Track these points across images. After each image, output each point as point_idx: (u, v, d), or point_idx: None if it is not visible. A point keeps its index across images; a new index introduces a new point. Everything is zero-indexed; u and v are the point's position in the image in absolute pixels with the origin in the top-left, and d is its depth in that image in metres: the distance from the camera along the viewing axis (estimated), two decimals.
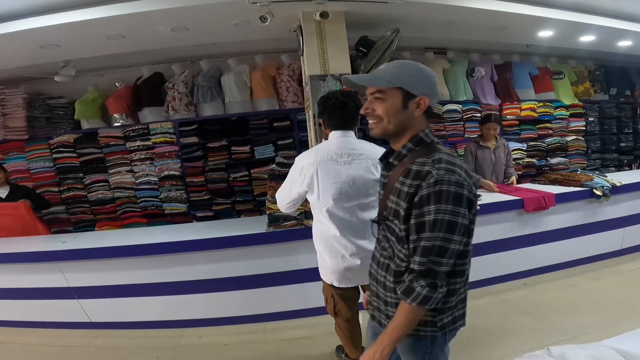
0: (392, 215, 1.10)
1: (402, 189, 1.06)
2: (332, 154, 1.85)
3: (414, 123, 1.12)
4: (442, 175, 0.98)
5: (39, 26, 2.63)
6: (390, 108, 1.10)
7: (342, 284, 1.96)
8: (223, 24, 3.02)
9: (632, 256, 3.55)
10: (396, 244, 1.10)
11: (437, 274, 1.00)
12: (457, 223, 0.99)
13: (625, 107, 5.33)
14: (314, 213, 1.95)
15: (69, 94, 4.06)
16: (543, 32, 3.75)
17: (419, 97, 1.09)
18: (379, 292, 1.18)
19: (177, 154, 4.04)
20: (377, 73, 1.13)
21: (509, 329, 2.51)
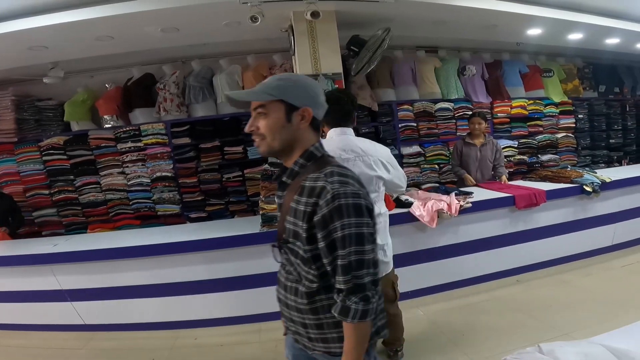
0: (292, 237, 1.05)
1: (298, 208, 1.01)
2: (336, 152, 1.87)
3: (302, 137, 1.09)
4: (337, 189, 0.96)
5: (26, 28, 2.60)
6: (273, 123, 1.05)
7: None
8: (214, 25, 3.01)
9: (624, 252, 3.59)
10: (302, 266, 1.05)
11: (364, 287, 0.97)
12: (363, 233, 0.97)
13: (614, 104, 5.41)
14: None
15: (58, 96, 4.00)
16: (532, 30, 3.80)
17: (302, 108, 1.06)
18: (293, 316, 1.14)
19: (169, 155, 4.01)
20: (257, 87, 1.10)
21: (502, 326, 2.53)
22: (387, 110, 4.31)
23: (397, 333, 2.26)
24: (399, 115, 4.35)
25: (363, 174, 1.88)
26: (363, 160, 1.89)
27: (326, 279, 1.02)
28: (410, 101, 4.40)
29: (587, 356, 0.74)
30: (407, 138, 4.41)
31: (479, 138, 3.70)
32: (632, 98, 5.58)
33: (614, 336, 0.87)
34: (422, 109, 4.40)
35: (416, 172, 4.43)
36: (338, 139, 1.92)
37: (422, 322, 2.67)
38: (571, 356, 0.75)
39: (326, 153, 1.12)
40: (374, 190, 1.93)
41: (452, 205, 2.90)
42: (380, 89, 4.29)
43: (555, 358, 0.77)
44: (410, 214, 2.86)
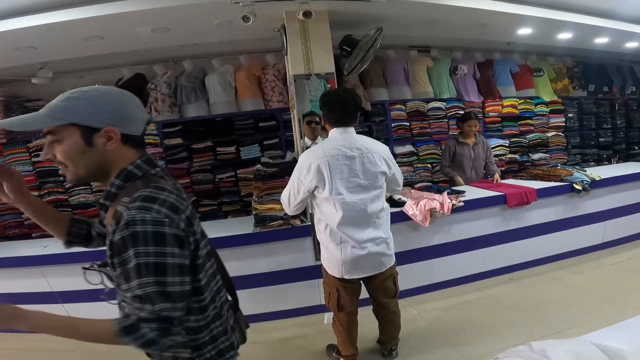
0: (105, 263, 0.98)
1: (108, 234, 0.92)
2: (341, 150, 1.92)
3: (115, 158, 0.93)
4: (133, 216, 0.83)
5: (14, 28, 2.56)
6: (70, 150, 0.89)
7: (352, 275, 2.01)
8: (205, 25, 2.98)
9: (613, 250, 3.64)
10: (121, 291, 0.97)
11: (171, 320, 0.86)
12: (166, 264, 0.84)
13: (604, 103, 5.48)
14: (320, 209, 1.99)
15: (48, 96, 3.85)
16: (522, 30, 3.82)
17: (103, 129, 0.90)
18: None
19: (161, 155, 3.97)
20: (43, 109, 0.90)
21: (495, 324, 2.55)
22: (380, 109, 4.32)
23: (394, 331, 2.28)
24: (391, 114, 4.36)
25: (368, 171, 1.94)
26: (367, 157, 1.94)
27: None
28: (403, 101, 4.42)
29: (577, 354, 0.75)
30: (400, 137, 4.43)
31: (471, 137, 3.73)
32: (621, 97, 5.65)
33: (605, 334, 0.88)
34: (414, 108, 4.42)
35: (409, 171, 4.45)
36: (341, 138, 1.96)
37: (416, 321, 2.69)
38: (562, 354, 0.76)
39: (152, 171, 0.96)
40: (379, 186, 1.99)
41: (445, 204, 2.91)
42: (373, 89, 4.30)
43: (546, 356, 0.78)
44: (404, 213, 2.88)
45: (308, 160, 1.93)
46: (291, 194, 2.01)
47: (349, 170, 1.91)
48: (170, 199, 0.89)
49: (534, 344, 0.85)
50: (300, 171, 1.95)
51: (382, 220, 2.05)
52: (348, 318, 2.13)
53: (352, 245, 1.96)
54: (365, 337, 2.36)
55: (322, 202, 1.96)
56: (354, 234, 1.95)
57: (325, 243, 2.04)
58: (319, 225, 2.04)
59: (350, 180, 1.91)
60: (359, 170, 1.93)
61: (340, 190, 1.90)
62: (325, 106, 1.99)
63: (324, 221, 1.99)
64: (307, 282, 2.86)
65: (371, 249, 1.98)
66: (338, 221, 1.93)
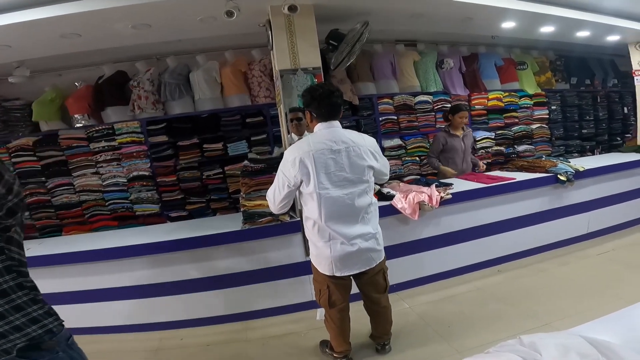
0: None
1: None
2: (327, 143, 1.90)
3: None
4: None
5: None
6: None
7: (343, 272, 2.00)
8: (187, 20, 2.92)
9: (598, 240, 3.71)
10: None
11: None
12: None
13: (586, 95, 5.58)
14: (307, 205, 1.98)
15: (26, 95, 3.83)
16: (506, 23, 3.85)
17: None
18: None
19: (146, 153, 3.90)
20: None
21: (485, 317, 2.58)
22: (368, 103, 4.31)
23: (385, 326, 2.29)
24: (379, 108, 4.36)
25: (355, 164, 1.93)
26: (354, 150, 1.93)
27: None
28: (390, 94, 4.42)
29: (566, 348, 0.76)
30: (388, 131, 4.43)
31: (459, 129, 3.75)
32: (603, 89, 5.76)
33: (592, 327, 0.90)
34: (402, 102, 4.43)
35: (397, 164, 4.47)
36: (327, 132, 1.95)
37: (408, 315, 2.71)
38: (551, 348, 0.77)
39: None
40: (366, 180, 1.98)
41: (433, 196, 2.93)
42: (360, 83, 4.29)
43: (536, 350, 0.78)
44: (392, 206, 2.89)
45: (293, 155, 1.91)
46: (276, 190, 1.99)
47: (335, 164, 1.89)
48: None
49: (523, 338, 0.86)
50: (285, 165, 1.93)
51: (371, 215, 2.04)
52: (340, 314, 2.13)
53: (341, 242, 1.95)
54: (358, 333, 2.37)
55: (308, 198, 1.95)
56: (342, 230, 1.94)
57: (314, 240, 2.03)
58: (307, 223, 2.04)
59: (337, 174, 1.90)
60: (345, 164, 1.91)
61: (325, 185, 1.89)
62: (315, 100, 1.95)
63: (312, 218, 1.98)
64: (297, 278, 2.86)
65: (361, 245, 1.97)
66: (325, 217, 1.91)
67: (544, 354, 0.75)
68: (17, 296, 1.04)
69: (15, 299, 1.03)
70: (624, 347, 0.74)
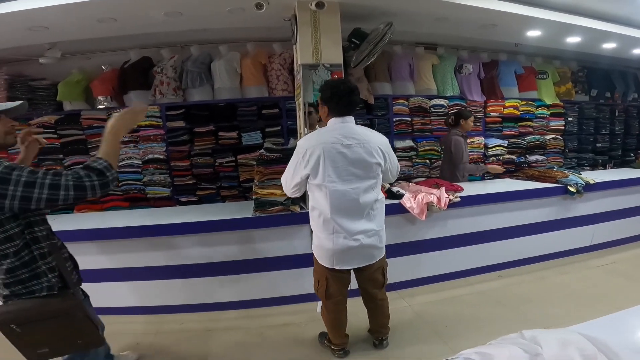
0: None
1: None
2: (337, 138, 1.93)
3: None
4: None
5: (30, 8, 2.56)
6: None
7: (342, 265, 2.04)
8: (217, 10, 2.98)
9: (601, 252, 3.73)
10: None
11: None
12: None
13: (604, 108, 5.53)
14: (314, 196, 2.01)
15: (52, 76, 3.94)
16: (531, 32, 3.84)
17: None
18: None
19: (163, 137, 3.99)
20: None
21: (483, 319, 2.62)
22: (383, 103, 4.35)
23: (383, 319, 2.32)
24: (394, 109, 4.39)
25: (363, 161, 1.95)
26: (364, 146, 1.95)
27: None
28: (406, 96, 4.45)
29: (565, 342, 0.80)
30: (400, 132, 4.46)
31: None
32: (622, 103, 5.70)
33: (590, 327, 0.94)
34: (417, 104, 4.45)
35: (408, 166, 4.50)
36: (339, 126, 1.98)
37: (406, 313, 2.75)
38: (552, 342, 0.81)
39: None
40: (373, 176, 2.00)
41: (442, 198, 2.97)
42: (377, 83, 4.32)
43: (537, 343, 0.83)
44: (401, 205, 2.92)
45: (304, 147, 1.95)
46: (288, 176, 2.04)
47: (343, 159, 1.92)
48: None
49: (525, 332, 0.91)
50: (297, 155, 1.98)
51: (377, 211, 2.06)
52: (336, 307, 2.17)
53: (344, 236, 1.97)
54: (356, 327, 2.41)
55: (315, 190, 1.98)
56: (346, 225, 1.96)
57: (317, 231, 2.06)
58: (313, 213, 2.06)
59: (345, 168, 1.92)
60: (353, 160, 1.94)
61: (333, 178, 1.92)
62: (336, 97, 1.96)
63: (318, 209, 2.01)
64: (301, 269, 2.88)
65: (363, 241, 1.99)
66: (331, 209, 1.94)
67: (545, 347, 0.80)
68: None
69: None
70: (620, 346, 0.79)
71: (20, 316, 1.33)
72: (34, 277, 1.38)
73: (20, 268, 1.35)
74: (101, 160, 1.37)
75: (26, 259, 1.36)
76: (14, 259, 1.33)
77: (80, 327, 1.41)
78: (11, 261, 1.33)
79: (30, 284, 1.37)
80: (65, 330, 1.39)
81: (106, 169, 1.35)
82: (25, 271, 1.36)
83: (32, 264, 1.37)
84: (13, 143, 1.54)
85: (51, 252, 1.43)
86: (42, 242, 1.40)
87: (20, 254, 1.35)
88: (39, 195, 1.26)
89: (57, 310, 1.37)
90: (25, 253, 1.36)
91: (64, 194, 1.29)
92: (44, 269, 1.39)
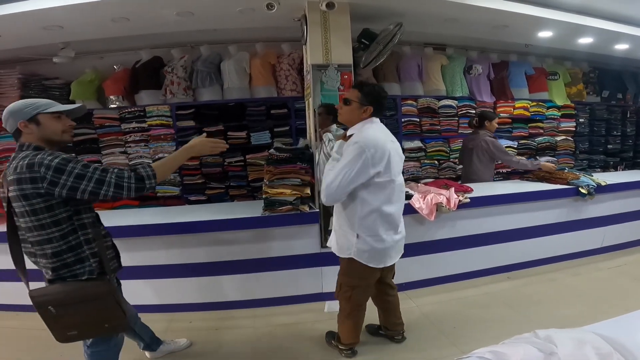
0: None
1: None
2: (388, 135, 2.00)
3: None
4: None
5: (45, 7, 2.61)
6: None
7: (390, 262, 2.08)
8: (228, 10, 3.00)
9: (611, 254, 3.69)
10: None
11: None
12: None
13: (616, 109, 5.47)
14: (372, 198, 1.93)
15: (66, 75, 4.00)
16: (543, 33, 3.81)
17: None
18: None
19: (173, 137, 4.03)
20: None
21: (491, 321, 2.61)
22: (391, 104, 4.34)
23: (399, 311, 2.39)
24: (402, 109, 4.38)
25: (402, 157, 2.05)
26: (397, 146, 2.03)
27: None
28: (414, 96, 4.44)
29: (581, 341, 0.80)
30: (409, 132, 4.45)
31: None
32: (634, 105, 5.63)
33: (603, 327, 0.94)
34: (426, 104, 4.44)
35: (416, 166, 4.49)
36: (382, 126, 2.02)
37: (414, 313, 2.74)
38: (567, 341, 0.81)
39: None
40: (402, 170, 2.08)
41: (451, 199, 2.96)
42: (385, 83, 4.31)
43: (552, 342, 0.83)
44: (410, 205, 2.91)
45: (368, 146, 1.84)
46: (343, 183, 1.85)
47: (396, 154, 1.98)
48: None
49: (539, 332, 0.90)
50: (358, 158, 1.84)
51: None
52: (363, 310, 2.19)
53: (395, 232, 2.02)
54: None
55: (376, 188, 1.91)
56: (398, 219, 2.04)
57: (371, 232, 1.96)
58: (368, 216, 1.94)
59: (398, 164, 1.99)
60: (400, 156, 2.03)
61: (395, 173, 1.97)
62: (383, 98, 2.01)
63: (375, 209, 1.93)
64: (309, 269, 2.91)
65: (403, 232, 2.09)
66: (394, 205, 1.98)
67: (560, 346, 0.80)
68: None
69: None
70: (635, 345, 0.78)
71: (58, 298, 1.46)
72: (79, 261, 1.51)
73: (66, 252, 1.48)
74: (149, 168, 1.54)
75: (73, 243, 1.50)
76: (61, 242, 1.47)
77: (109, 313, 1.52)
78: (57, 245, 1.46)
79: (75, 268, 1.50)
80: (96, 314, 1.50)
81: (148, 177, 1.52)
82: (71, 255, 1.49)
83: (77, 248, 1.51)
84: (68, 141, 1.66)
85: (95, 238, 1.56)
86: (89, 229, 1.55)
87: (67, 237, 1.48)
88: (85, 187, 1.42)
89: (93, 294, 1.49)
90: (72, 238, 1.50)
91: (106, 190, 1.45)
92: (87, 253, 1.53)
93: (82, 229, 1.53)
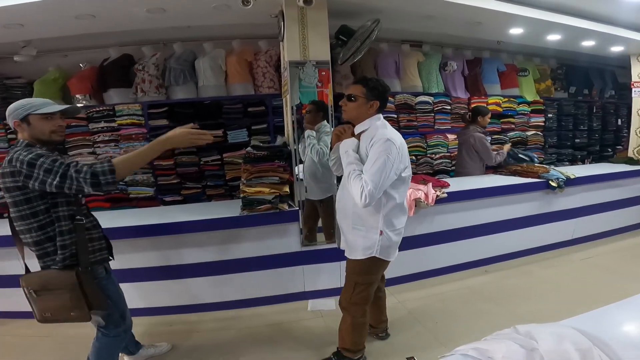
0: None
1: None
2: (398, 133, 1.97)
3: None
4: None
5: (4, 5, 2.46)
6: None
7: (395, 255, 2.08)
8: (202, 7, 2.91)
9: (582, 246, 3.85)
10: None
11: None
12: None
13: (582, 105, 5.69)
14: (394, 193, 1.92)
15: (28, 74, 3.80)
16: (514, 30, 3.90)
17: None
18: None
19: (145, 136, 3.89)
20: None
21: (473, 315, 2.67)
22: None
23: (385, 308, 2.42)
24: None
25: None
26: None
27: None
28: (392, 93, 4.46)
29: (560, 336, 0.82)
30: None
31: None
32: (600, 100, 5.87)
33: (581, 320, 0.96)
34: (403, 101, 4.47)
35: None
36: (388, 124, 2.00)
37: (398, 310, 2.77)
38: (547, 336, 0.82)
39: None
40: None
41: (429, 194, 3.00)
42: None
43: (532, 338, 0.84)
44: None
45: (397, 142, 1.84)
46: (384, 176, 1.79)
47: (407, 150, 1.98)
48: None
49: (519, 327, 0.92)
50: (388, 153, 1.80)
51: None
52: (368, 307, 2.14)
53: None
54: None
55: (401, 183, 1.93)
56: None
57: (393, 227, 1.95)
58: (391, 210, 1.93)
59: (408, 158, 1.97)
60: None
61: (409, 170, 1.98)
62: (385, 93, 1.97)
63: (399, 205, 1.95)
64: (291, 268, 2.90)
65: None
66: (406, 199, 2.02)
67: (540, 341, 0.81)
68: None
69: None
70: (613, 339, 0.81)
71: (35, 283, 1.63)
72: (55, 251, 1.63)
73: (45, 242, 1.62)
74: (107, 164, 1.55)
75: (51, 234, 1.62)
76: (39, 232, 1.60)
77: (74, 302, 1.63)
78: (36, 235, 1.60)
79: (54, 257, 1.63)
80: (64, 301, 1.63)
81: (103, 173, 1.53)
82: (50, 245, 1.63)
83: (55, 239, 1.62)
84: (58, 141, 1.71)
85: (72, 230, 1.65)
86: (63, 221, 1.63)
87: (46, 228, 1.61)
88: (52, 180, 1.51)
89: (58, 283, 1.62)
90: (50, 229, 1.61)
91: (69, 183, 1.52)
92: (59, 245, 1.63)
93: (58, 221, 1.62)
